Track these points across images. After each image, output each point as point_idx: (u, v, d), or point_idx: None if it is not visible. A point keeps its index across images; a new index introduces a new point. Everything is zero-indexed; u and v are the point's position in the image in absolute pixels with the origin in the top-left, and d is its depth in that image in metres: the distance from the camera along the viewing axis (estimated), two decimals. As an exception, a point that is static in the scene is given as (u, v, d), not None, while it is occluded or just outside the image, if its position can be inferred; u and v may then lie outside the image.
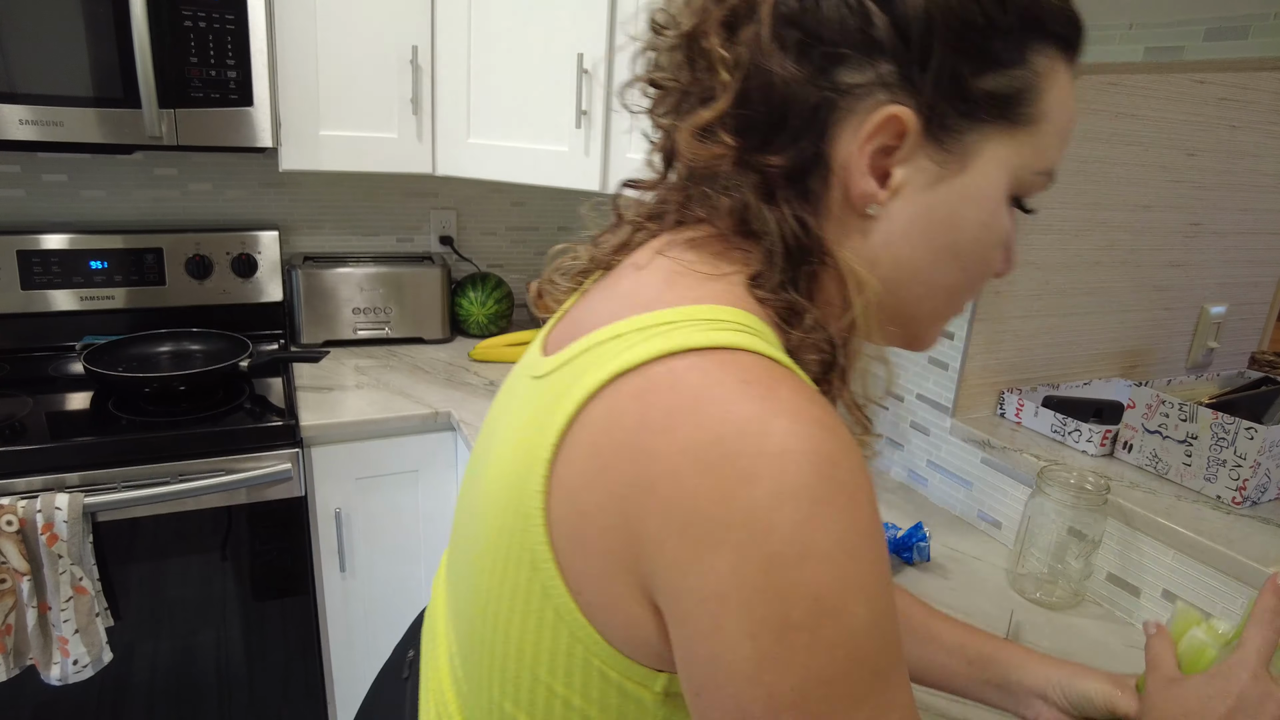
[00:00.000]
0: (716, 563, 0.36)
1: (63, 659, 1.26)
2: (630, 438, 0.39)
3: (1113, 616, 1.03)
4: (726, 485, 0.36)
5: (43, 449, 1.28)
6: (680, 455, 0.37)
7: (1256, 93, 1.31)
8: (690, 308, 0.42)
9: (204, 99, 1.42)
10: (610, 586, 0.40)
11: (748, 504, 0.35)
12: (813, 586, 0.35)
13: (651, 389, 0.39)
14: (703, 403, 0.38)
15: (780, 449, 0.36)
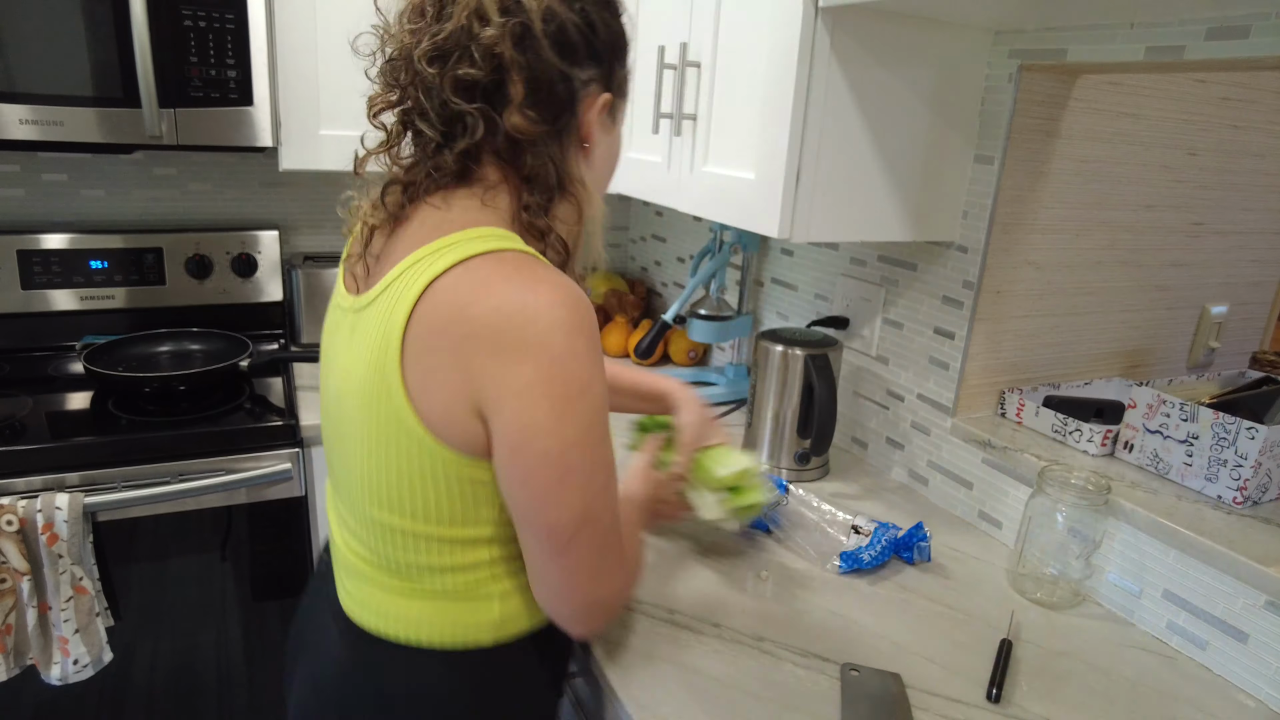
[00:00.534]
0: (523, 369, 0.61)
1: (63, 659, 1.26)
2: (454, 312, 0.62)
3: (1113, 617, 1.03)
4: (521, 327, 0.60)
5: (43, 449, 1.28)
6: (489, 314, 0.61)
7: (1258, 92, 1.31)
8: (467, 230, 0.66)
9: (204, 98, 1.42)
10: (452, 412, 0.63)
11: (535, 335, 0.60)
12: (579, 375, 0.62)
13: (457, 283, 0.62)
14: (493, 283, 0.62)
15: (547, 303, 0.61)
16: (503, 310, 0.60)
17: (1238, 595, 0.91)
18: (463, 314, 0.61)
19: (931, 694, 0.86)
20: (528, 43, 0.66)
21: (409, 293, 0.63)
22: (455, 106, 0.66)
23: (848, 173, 1.05)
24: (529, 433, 0.62)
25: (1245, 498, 0.99)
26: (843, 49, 0.99)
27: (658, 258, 2.15)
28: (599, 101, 0.72)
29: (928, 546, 1.10)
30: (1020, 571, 1.07)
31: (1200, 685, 0.91)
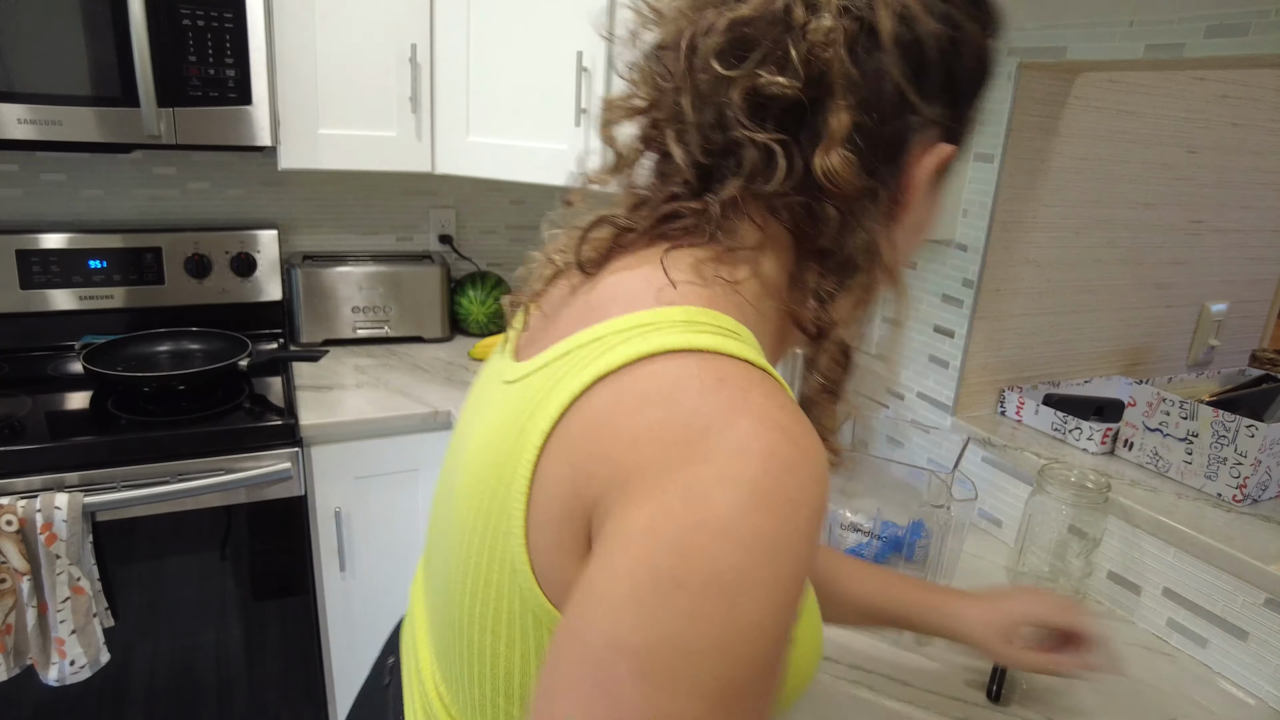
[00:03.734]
0: (641, 511, 0.37)
1: (60, 660, 1.26)
2: (600, 418, 0.40)
3: (1113, 615, 1.03)
4: (678, 459, 0.37)
5: (42, 449, 1.28)
6: (644, 429, 0.38)
7: (1258, 89, 1.31)
8: (670, 309, 0.43)
9: (203, 98, 1.42)
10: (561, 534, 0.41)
11: (692, 477, 0.36)
12: (718, 562, 0.35)
13: (626, 381, 0.40)
14: (676, 393, 0.39)
15: (739, 445, 0.37)
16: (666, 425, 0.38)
17: (1237, 593, 0.91)
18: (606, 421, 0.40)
19: (931, 692, 0.86)
20: (870, 52, 0.44)
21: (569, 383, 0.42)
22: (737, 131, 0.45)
23: (847, 171, 1.05)
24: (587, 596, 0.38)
25: (1245, 495, 0.99)
26: (842, 47, 0.99)
27: (657, 257, 2.15)
28: (936, 153, 0.49)
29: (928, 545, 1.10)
30: (1020, 569, 1.07)
31: (1200, 683, 0.91)
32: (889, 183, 0.47)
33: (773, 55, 0.44)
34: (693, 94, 0.46)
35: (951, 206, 1.17)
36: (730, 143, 0.46)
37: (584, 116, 1.47)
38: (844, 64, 0.43)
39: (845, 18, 0.43)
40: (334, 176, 1.88)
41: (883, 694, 0.85)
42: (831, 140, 0.44)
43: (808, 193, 0.46)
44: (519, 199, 2.10)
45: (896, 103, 0.45)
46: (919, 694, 0.85)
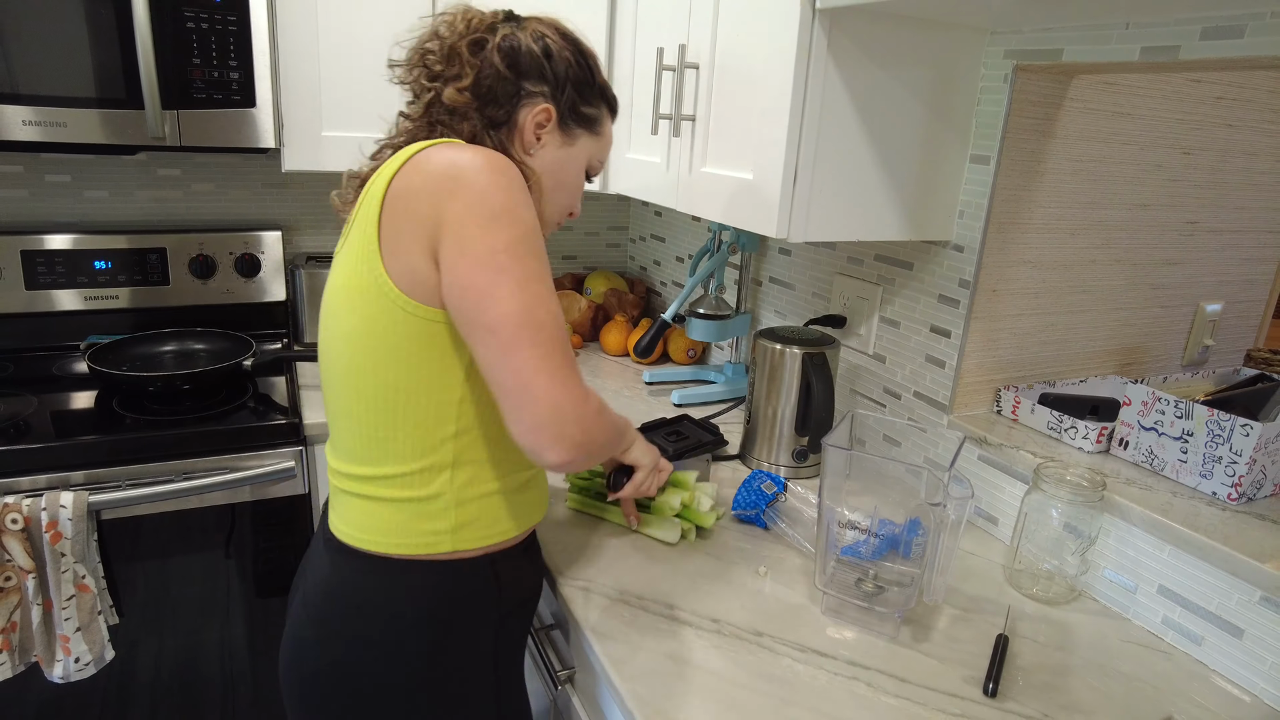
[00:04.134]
0: (455, 204, 0.74)
1: (64, 657, 1.27)
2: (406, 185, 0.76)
3: (1109, 612, 1.04)
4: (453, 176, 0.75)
5: (47, 448, 1.29)
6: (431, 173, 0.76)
7: (1253, 91, 1.32)
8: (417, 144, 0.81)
9: (206, 100, 1.43)
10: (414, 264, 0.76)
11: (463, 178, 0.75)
12: (501, 200, 0.75)
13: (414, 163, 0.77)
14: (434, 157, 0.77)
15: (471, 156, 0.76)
16: (440, 166, 0.75)
17: (1233, 590, 0.92)
18: (412, 181, 0.76)
19: (928, 688, 0.87)
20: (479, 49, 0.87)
21: (378, 188, 0.78)
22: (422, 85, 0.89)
23: (845, 173, 1.06)
24: (462, 246, 0.74)
25: (1240, 494, 1.00)
26: (840, 50, 1.00)
27: (657, 257, 2.16)
28: (539, 108, 0.88)
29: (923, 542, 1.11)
30: (1016, 567, 1.08)
31: (1196, 680, 0.92)
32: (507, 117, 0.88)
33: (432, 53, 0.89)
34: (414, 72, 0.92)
35: (948, 207, 1.18)
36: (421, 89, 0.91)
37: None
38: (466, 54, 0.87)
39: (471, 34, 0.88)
40: (337, 178, 1.89)
41: (880, 690, 0.86)
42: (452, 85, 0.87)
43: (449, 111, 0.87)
44: (520, 200, 2.10)
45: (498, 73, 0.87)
46: (916, 690, 0.86)
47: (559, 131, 0.91)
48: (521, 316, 0.74)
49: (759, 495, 1.18)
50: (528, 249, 0.75)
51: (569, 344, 0.78)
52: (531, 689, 1.19)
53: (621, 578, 1.03)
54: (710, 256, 1.62)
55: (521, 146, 0.90)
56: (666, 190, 1.32)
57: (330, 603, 0.85)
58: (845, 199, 1.08)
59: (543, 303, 0.75)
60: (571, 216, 1.00)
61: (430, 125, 0.88)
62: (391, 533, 0.84)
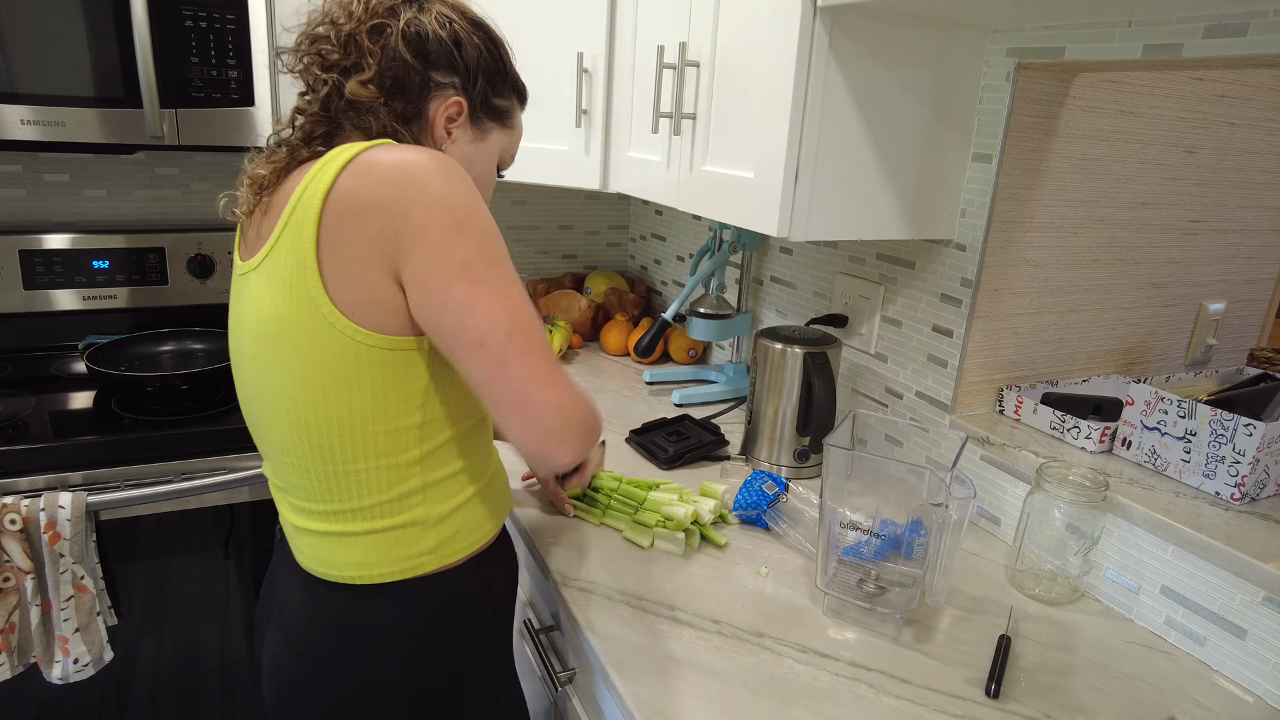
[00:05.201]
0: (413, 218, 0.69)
1: (63, 658, 1.27)
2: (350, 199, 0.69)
3: (1112, 612, 1.04)
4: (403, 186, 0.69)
5: (46, 448, 1.28)
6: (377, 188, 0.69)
7: (1256, 89, 1.31)
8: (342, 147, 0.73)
9: (205, 99, 1.43)
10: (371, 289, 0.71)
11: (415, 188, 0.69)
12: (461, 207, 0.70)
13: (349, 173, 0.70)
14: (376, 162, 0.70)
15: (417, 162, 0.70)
16: (386, 179, 0.69)
17: (1236, 591, 0.91)
18: (357, 194, 0.69)
19: (930, 689, 0.86)
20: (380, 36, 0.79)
21: (311, 201, 0.70)
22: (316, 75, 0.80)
23: (846, 171, 1.06)
24: (432, 264, 0.69)
25: (1243, 494, 1.00)
26: (841, 48, 0.99)
27: (657, 256, 2.16)
28: (450, 101, 0.83)
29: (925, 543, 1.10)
30: (1019, 568, 1.08)
31: (1198, 681, 0.92)
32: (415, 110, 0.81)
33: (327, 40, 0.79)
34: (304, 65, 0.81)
35: (950, 206, 1.18)
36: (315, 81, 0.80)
37: (584, 117, 1.48)
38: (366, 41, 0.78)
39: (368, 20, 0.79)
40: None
41: (882, 691, 0.85)
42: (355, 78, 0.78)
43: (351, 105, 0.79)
44: (519, 199, 2.11)
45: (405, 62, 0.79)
46: (918, 691, 0.86)
47: (470, 126, 0.86)
48: (508, 325, 0.71)
49: (760, 495, 1.18)
50: (497, 253, 0.72)
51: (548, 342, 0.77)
52: (531, 689, 1.18)
53: (622, 579, 1.03)
54: (711, 256, 1.61)
55: (432, 142, 0.84)
56: (667, 189, 1.32)
57: (316, 635, 0.82)
58: (846, 198, 1.07)
59: (523, 306, 0.73)
60: None
61: (330, 120, 0.80)
62: (372, 565, 0.80)
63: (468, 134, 0.86)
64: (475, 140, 0.87)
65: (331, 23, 0.80)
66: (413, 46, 0.80)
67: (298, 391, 0.75)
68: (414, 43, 0.80)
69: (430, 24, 0.81)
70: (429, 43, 0.80)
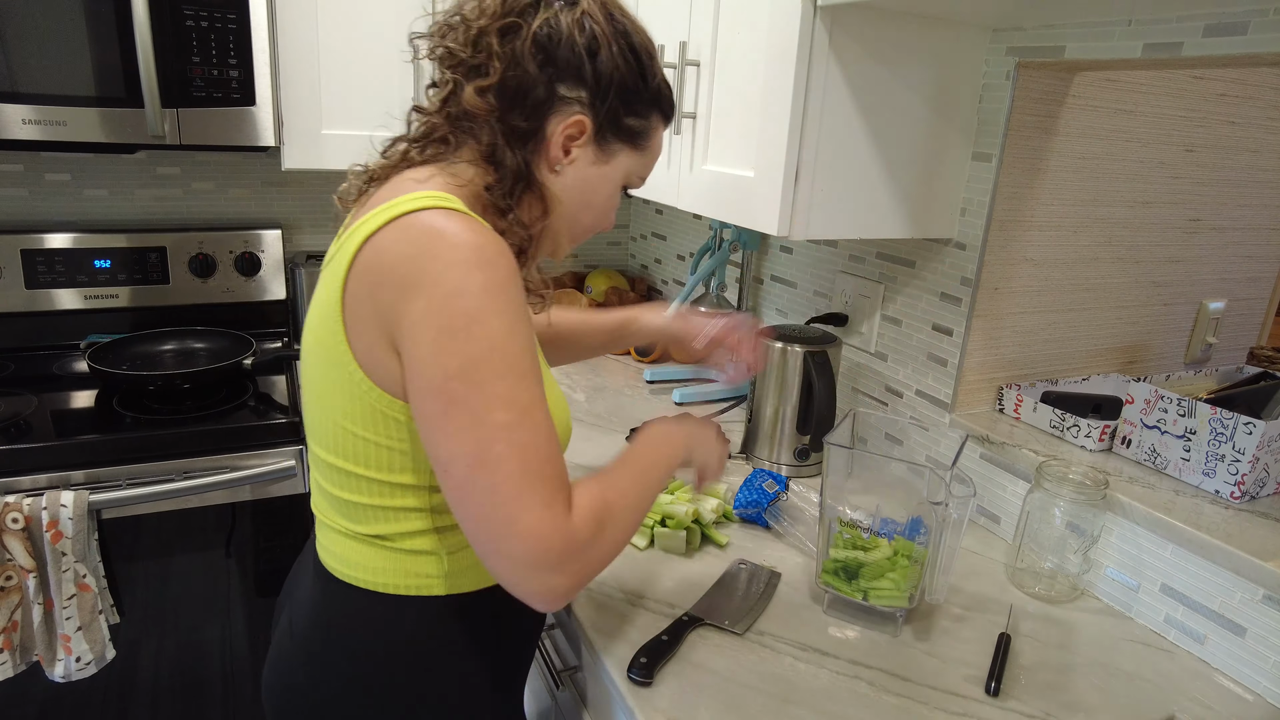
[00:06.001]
0: (417, 303, 0.63)
1: (66, 656, 1.27)
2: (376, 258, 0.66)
3: (1112, 611, 1.04)
4: (422, 264, 0.64)
5: (48, 447, 1.29)
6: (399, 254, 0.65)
7: (1255, 88, 1.31)
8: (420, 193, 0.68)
9: (206, 98, 1.43)
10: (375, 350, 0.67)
11: (432, 270, 0.63)
12: (467, 309, 0.63)
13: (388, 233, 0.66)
14: (414, 230, 0.65)
15: (449, 244, 0.64)
16: (410, 249, 0.64)
17: (1235, 589, 0.91)
18: (383, 257, 0.66)
19: (930, 688, 0.86)
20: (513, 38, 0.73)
21: (352, 245, 0.68)
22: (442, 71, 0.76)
23: (846, 170, 1.06)
24: (416, 365, 0.64)
25: (1243, 492, 1.00)
26: (841, 47, 0.99)
27: (658, 255, 2.16)
28: (572, 119, 0.75)
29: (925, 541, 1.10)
30: (1019, 566, 1.08)
31: (1198, 679, 0.92)
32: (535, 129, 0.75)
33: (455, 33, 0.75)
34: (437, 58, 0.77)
35: (950, 205, 1.18)
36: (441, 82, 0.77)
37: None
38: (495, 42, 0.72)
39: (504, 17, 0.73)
40: (337, 176, 1.88)
41: (882, 689, 0.86)
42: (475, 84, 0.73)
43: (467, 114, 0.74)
44: (520, 198, 2.10)
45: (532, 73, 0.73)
46: (918, 689, 0.86)
47: (594, 146, 0.78)
48: (472, 458, 0.63)
49: (760, 494, 1.18)
50: (488, 369, 0.63)
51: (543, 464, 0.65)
52: (532, 689, 1.18)
53: (622, 576, 1.03)
54: (711, 255, 1.61)
55: (547, 163, 0.77)
56: (667, 188, 1.32)
57: (318, 632, 0.80)
58: (847, 197, 1.07)
59: (504, 434, 0.63)
60: (602, 230, 0.88)
61: (448, 125, 0.76)
62: (382, 572, 0.77)
63: (589, 155, 0.78)
64: (597, 163, 0.79)
65: (463, 15, 0.74)
66: (541, 53, 0.72)
67: (321, 414, 0.74)
68: (543, 48, 0.72)
69: (567, 26, 0.73)
70: (559, 49, 0.73)
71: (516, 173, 0.75)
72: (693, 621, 0.93)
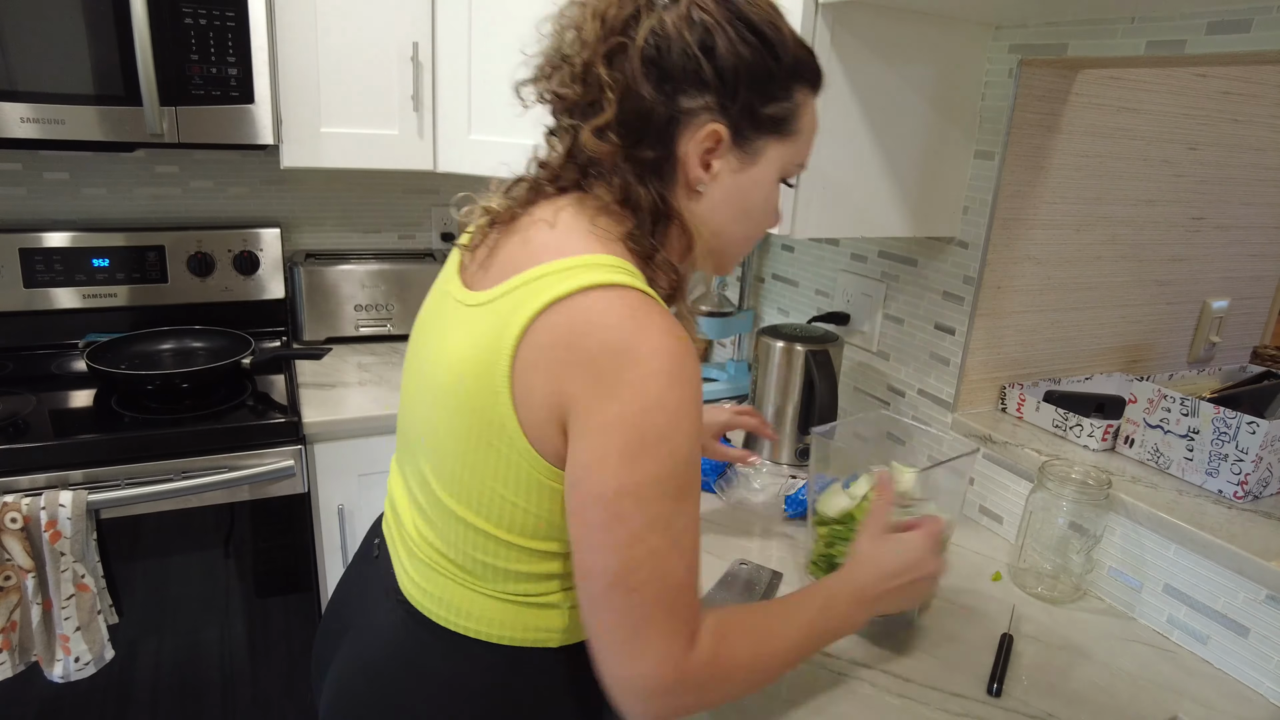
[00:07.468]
0: (611, 406, 0.60)
1: (64, 656, 1.26)
2: (568, 336, 0.61)
3: (1114, 611, 1.03)
4: (622, 366, 0.60)
5: (46, 446, 1.28)
6: (598, 346, 0.60)
7: (1259, 86, 1.31)
8: (590, 256, 0.64)
9: (205, 96, 1.42)
10: (546, 424, 0.63)
11: (633, 377, 0.60)
12: (662, 426, 0.60)
13: (576, 309, 0.61)
14: (609, 319, 0.61)
15: (653, 350, 0.60)
16: (610, 345, 0.60)
17: (1239, 589, 0.91)
18: (575, 339, 0.61)
19: (932, 688, 0.86)
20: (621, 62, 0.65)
21: (529, 305, 0.62)
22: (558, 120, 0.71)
23: (848, 169, 1.05)
24: (591, 470, 0.61)
25: (1246, 492, 0.99)
26: (843, 45, 0.99)
27: (659, 254, 2.15)
28: (704, 132, 0.67)
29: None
30: (1021, 566, 1.07)
31: (1201, 679, 0.92)
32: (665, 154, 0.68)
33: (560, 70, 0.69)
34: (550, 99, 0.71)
35: (952, 203, 1.17)
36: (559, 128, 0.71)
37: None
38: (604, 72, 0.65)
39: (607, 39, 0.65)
40: (336, 175, 1.89)
41: (883, 690, 0.85)
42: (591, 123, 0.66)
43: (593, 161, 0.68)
44: (520, 197, 2.10)
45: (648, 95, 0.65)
46: (919, 689, 0.86)
47: (736, 151, 0.69)
48: (615, 577, 0.61)
49: (711, 464, 1.23)
50: (662, 489, 0.61)
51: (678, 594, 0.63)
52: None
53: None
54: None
55: (686, 187, 0.69)
56: (668, 187, 1.31)
57: (398, 667, 0.74)
58: (848, 195, 1.07)
59: (652, 560, 0.61)
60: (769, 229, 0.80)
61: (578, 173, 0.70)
62: (499, 624, 0.72)
63: (731, 163, 0.69)
64: (743, 167, 0.70)
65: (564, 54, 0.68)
66: (654, 70, 0.64)
67: (463, 471, 0.68)
68: (654, 63, 0.64)
69: (674, 27, 0.64)
70: (671, 57, 0.64)
71: (654, 210, 0.68)
72: (694, 622, 0.92)
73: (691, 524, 0.63)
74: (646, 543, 0.61)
